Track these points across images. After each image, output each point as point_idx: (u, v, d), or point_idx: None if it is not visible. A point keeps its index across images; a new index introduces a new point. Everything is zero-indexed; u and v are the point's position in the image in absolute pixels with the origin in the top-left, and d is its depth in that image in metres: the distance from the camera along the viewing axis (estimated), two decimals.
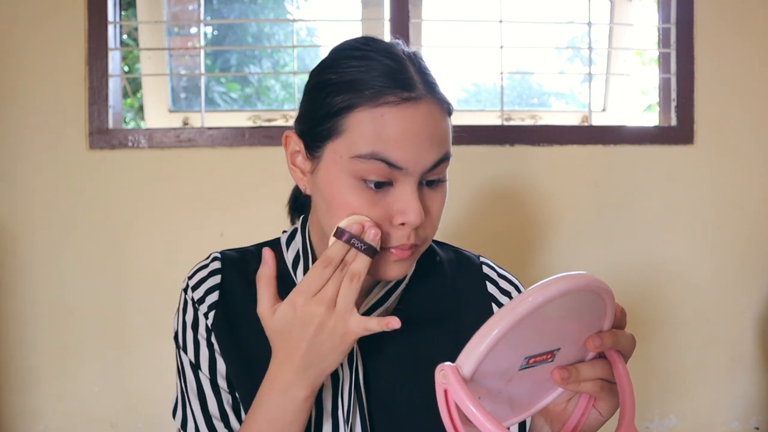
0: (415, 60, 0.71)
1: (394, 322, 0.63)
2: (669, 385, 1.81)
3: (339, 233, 0.65)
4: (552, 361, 0.57)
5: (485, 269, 0.85)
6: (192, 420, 0.77)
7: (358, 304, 0.78)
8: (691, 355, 1.82)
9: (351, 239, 0.65)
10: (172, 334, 0.81)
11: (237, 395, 0.77)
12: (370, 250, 0.65)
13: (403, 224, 0.68)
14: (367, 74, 0.68)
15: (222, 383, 0.77)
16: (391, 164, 0.66)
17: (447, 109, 0.72)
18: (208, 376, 0.77)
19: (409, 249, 0.70)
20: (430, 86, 0.70)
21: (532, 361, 0.55)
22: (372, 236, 0.65)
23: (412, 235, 0.69)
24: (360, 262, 0.65)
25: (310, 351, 0.65)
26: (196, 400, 0.77)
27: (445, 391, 0.52)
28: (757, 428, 1.84)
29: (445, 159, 0.70)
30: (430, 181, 0.71)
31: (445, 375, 0.52)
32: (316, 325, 0.64)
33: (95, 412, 1.71)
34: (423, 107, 0.67)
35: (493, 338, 0.51)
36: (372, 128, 0.66)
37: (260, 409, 0.69)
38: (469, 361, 0.52)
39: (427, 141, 0.68)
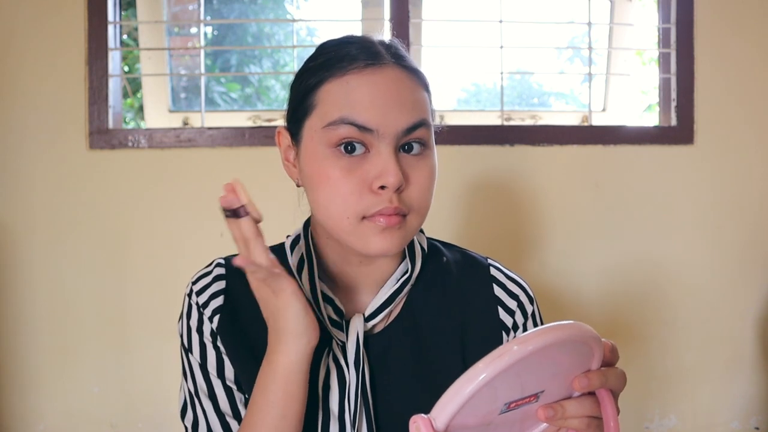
0: (387, 42, 0.74)
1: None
2: (669, 385, 1.81)
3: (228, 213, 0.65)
4: (536, 402, 0.56)
5: (493, 271, 0.84)
6: (204, 420, 0.76)
7: (363, 307, 0.78)
8: (691, 355, 1.82)
9: (224, 213, 0.64)
10: (178, 338, 0.80)
11: (247, 396, 0.77)
12: (230, 213, 0.64)
13: (382, 188, 0.68)
14: (336, 54, 0.72)
15: (231, 384, 0.77)
16: (360, 126, 0.67)
17: (421, 82, 0.73)
18: (218, 377, 0.76)
19: (395, 215, 0.68)
20: (399, 57, 0.72)
21: (513, 405, 0.54)
22: (222, 201, 0.63)
23: (394, 198, 0.68)
24: (233, 230, 0.64)
25: (267, 316, 0.70)
26: (207, 400, 0.76)
27: None
28: (757, 428, 1.84)
29: (421, 125, 0.70)
30: (409, 149, 0.70)
31: (417, 428, 0.51)
32: (254, 291, 0.69)
33: (95, 412, 1.71)
34: (388, 72, 0.70)
35: (468, 393, 0.50)
36: (340, 95, 0.69)
37: (255, 385, 0.71)
38: (443, 413, 0.51)
39: (395, 103, 0.68)
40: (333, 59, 0.71)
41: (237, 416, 0.76)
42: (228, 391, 0.76)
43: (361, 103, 0.68)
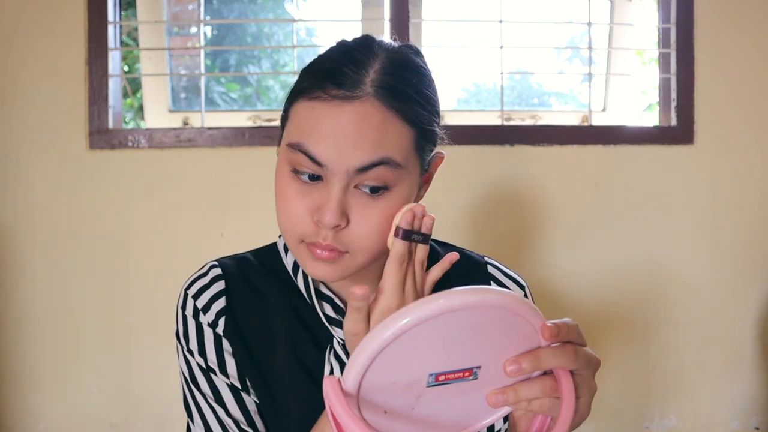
0: (388, 58, 0.68)
1: (453, 256, 0.70)
2: (669, 385, 1.81)
3: (397, 232, 0.67)
4: (474, 378, 0.53)
5: (490, 269, 0.84)
6: (218, 426, 0.74)
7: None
8: (691, 355, 1.82)
9: (410, 235, 0.67)
10: (174, 349, 0.79)
11: (255, 399, 0.76)
12: (426, 239, 0.68)
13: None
14: (318, 66, 0.69)
15: (236, 381, 0.76)
16: (312, 159, 0.65)
17: (406, 117, 0.67)
18: (227, 382, 0.75)
19: (326, 250, 0.67)
20: (385, 89, 0.66)
21: (442, 378, 0.51)
22: (428, 226, 0.68)
23: (328, 236, 0.66)
24: (422, 251, 0.68)
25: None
26: (218, 405, 0.75)
27: (329, 406, 0.49)
28: (757, 428, 1.84)
29: (381, 164, 0.65)
30: (375, 189, 0.67)
31: (326, 391, 0.49)
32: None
33: (95, 412, 1.71)
34: (358, 107, 0.65)
35: (373, 348, 0.48)
36: (304, 119, 0.67)
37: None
38: (351, 371, 0.49)
39: (353, 141, 0.64)
40: (315, 74, 0.68)
41: (250, 423, 0.74)
42: (237, 396, 0.75)
43: (318, 134, 0.65)
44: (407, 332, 0.48)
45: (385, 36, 0.74)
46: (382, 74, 0.67)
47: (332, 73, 0.66)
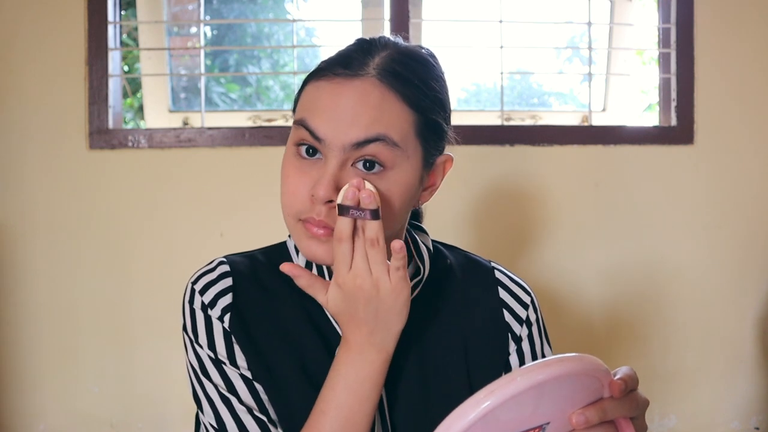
0: (397, 50, 0.71)
1: (396, 244, 0.64)
2: (669, 385, 1.81)
3: (339, 209, 0.65)
4: None
5: (497, 274, 0.84)
6: (232, 420, 0.73)
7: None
8: (691, 355, 1.82)
9: (350, 211, 0.64)
10: (178, 337, 0.78)
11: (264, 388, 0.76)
12: (372, 213, 0.64)
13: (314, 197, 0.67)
14: (333, 55, 0.72)
15: (249, 374, 0.75)
16: (312, 133, 0.67)
17: (407, 100, 0.69)
18: (239, 372, 0.74)
19: (320, 227, 0.68)
20: (387, 71, 0.68)
21: None
22: (366, 199, 0.64)
23: (322, 211, 0.67)
24: (370, 229, 0.65)
25: (368, 318, 0.68)
26: (231, 395, 0.74)
27: None
28: (757, 428, 1.84)
29: (374, 140, 0.66)
30: (370, 165, 0.67)
31: None
32: (364, 297, 0.67)
33: (95, 412, 1.71)
34: (358, 84, 0.68)
35: (461, 428, 0.48)
36: (309, 97, 0.70)
37: (338, 379, 0.69)
38: None
39: (350, 117, 0.66)
40: (327, 60, 0.72)
41: (264, 411, 0.74)
42: (250, 386, 0.74)
43: (318, 109, 0.68)
44: (502, 405, 0.48)
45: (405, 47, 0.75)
46: (387, 59, 0.69)
47: (341, 58, 0.70)
